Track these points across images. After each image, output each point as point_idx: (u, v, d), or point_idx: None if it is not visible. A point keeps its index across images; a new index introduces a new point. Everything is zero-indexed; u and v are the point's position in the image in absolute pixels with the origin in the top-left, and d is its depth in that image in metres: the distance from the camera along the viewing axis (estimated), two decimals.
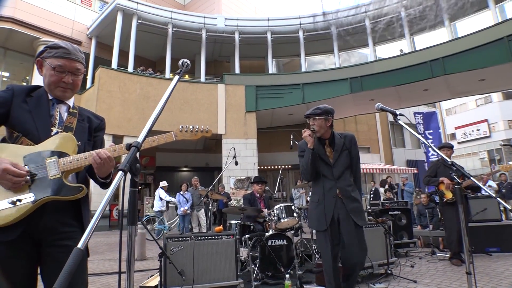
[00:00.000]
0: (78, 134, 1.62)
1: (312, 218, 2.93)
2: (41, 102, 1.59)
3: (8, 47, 15.35)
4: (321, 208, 2.82)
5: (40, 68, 1.66)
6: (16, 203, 1.35)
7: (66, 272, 0.73)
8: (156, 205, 9.99)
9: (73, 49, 1.65)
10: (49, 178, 1.44)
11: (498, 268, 4.55)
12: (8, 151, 1.44)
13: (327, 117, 2.92)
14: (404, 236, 6.07)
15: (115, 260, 6.21)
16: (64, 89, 1.64)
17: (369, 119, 21.43)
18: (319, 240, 2.87)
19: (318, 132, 2.91)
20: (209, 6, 21.32)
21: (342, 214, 2.79)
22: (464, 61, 12.38)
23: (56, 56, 1.60)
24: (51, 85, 1.61)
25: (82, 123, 1.70)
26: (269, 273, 3.98)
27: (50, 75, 1.60)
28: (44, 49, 1.64)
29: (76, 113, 1.70)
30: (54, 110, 1.62)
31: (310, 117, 2.94)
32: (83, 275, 1.57)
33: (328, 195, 2.82)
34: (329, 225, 2.76)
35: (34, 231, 1.43)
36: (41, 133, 1.53)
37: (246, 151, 14.56)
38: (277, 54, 18.45)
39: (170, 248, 3.42)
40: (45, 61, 1.61)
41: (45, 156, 1.47)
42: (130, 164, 1.03)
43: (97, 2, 18.15)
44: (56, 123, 1.60)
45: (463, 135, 34.13)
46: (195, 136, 1.80)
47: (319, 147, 2.94)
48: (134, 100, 13.73)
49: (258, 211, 4.68)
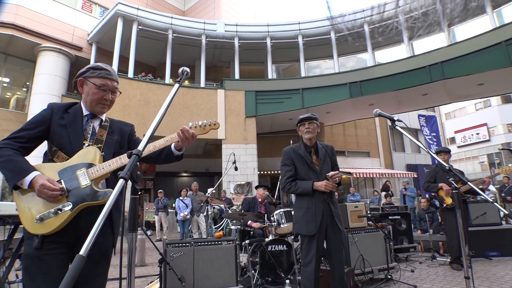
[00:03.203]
0: (107, 146, 1.82)
1: (301, 223, 2.92)
2: (76, 118, 1.79)
3: (9, 53, 15.40)
4: (310, 213, 2.85)
5: (81, 86, 1.85)
6: (57, 212, 1.54)
7: (69, 277, 0.75)
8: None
9: (112, 70, 1.87)
10: (82, 187, 1.62)
11: (498, 273, 4.54)
12: (45, 168, 1.65)
13: (317, 124, 3.10)
14: (404, 240, 6.06)
15: (114, 266, 6.20)
16: (104, 106, 1.84)
17: (368, 124, 21.47)
18: (306, 244, 2.86)
19: (312, 134, 3.04)
20: (209, 12, 21.45)
21: (329, 219, 2.87)
22: (462, 65, 12.43)
23: (100, 76, 1.80)
24: (93, 102, 1.81)
25: (112, 135, 1.88)
26: (269, 278, 3.97)
27: (94, 93, 1.80)
28: (86, 70, 1.84)
29: (107, 125, 1.89)
30: (88, 125, 1.82)
31: (306, 121, 3.05)
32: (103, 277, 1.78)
33: (318, 200, 2.88)
34: (317, 231, 2.81)
35: (73, 232, 1.59)
36: (74, 146, 1.72)
37: (246, 156, 14.57)
38: (276, 59, 18.52)
39: (170, 254, 3.42)
40: (88, 80, 1.80)
41: (76, 169, 1.66)
42: (131, 172, 1.04)
43: (98, 8, 18.25)
44: (88, 136, 1.79)
45: (463, 139, 34.19)
46: (204, 130, 1.87)
47: (306, 154, 3.04)
48: (134, 106, 13.76)
49: (258, 216, 4.69)
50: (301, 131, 3.10)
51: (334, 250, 2.84)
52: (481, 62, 11.98)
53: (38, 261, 1.54)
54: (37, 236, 1.52)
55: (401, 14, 15.61)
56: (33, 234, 1.53)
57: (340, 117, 17.66)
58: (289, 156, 3.07)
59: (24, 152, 1.67)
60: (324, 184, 2.83)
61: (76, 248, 1.62)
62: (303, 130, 3.07)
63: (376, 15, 16.15)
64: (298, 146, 3.11)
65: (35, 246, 1.52)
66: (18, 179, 1.53)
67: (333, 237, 2.85)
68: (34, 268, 1.54)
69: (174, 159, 1.89)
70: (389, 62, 14.78)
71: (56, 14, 15.94)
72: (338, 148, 20.25)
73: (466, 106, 33.79)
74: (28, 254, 1.56)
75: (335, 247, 2.84)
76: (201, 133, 1.86)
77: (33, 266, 1.55)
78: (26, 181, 1.53)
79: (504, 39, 11.44)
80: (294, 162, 3.04)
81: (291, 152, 3.08)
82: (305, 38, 17.20)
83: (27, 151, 1.70)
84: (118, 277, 3.98)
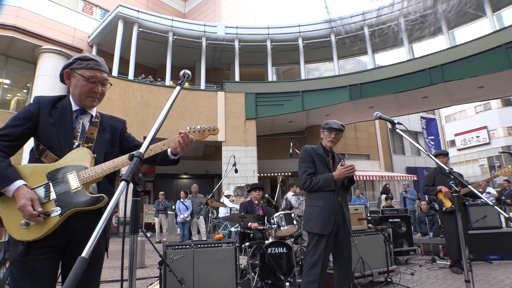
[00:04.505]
0: (97, 145, 1.71)
1: (315, 222, 2.86)
2: (65, 115, 1.66)
3: (10, 55, 15.44)
4: (326, 212, 2.85)
5: (68, 78, 1.72)
6: (45, 218, 1.44)
7: (72, 280, 0.75)
8: (221, 212, 9.91)
9: (101, 60, 1.74)
10: (72, 191, 1.53)
11: (498, 276, 4.54)
12: (31, 170, 1.54)
13: (342, 135, 3.17)
14: (404, 243, 6.06)
15: (114, 268, 6.19)
16: (94, 99, 1.72)
17: (368, 126, 21.47)
18: (315, 243, 2.82)
19: (334, 144, 3.10)
20: (209, 14, 21.51)
21: (340, 220, 2.88)
22: (462, 68, 12.46)
23: (88, 67, 1.67)
24: (82, 95, 1.69)
25: (103, 133, 1.76)
26: (269, 281, 3.97)
27: (82, 85, 1.67)
28: (73, 61, 1.71)
29: (98, 122, 1.77)
30: (77, 123, 1.69)
31: (335, 131, 3.06)
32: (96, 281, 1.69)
33: (334, 201, 2.89)
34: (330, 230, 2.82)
35: (62, 237, 1.52)
36: (63, 146, 1.61)
37: (246, 158, 14.57)
38: (276, 62, 18.57)
39: (170, 256, 3.42)
40: (75, 72, 1.68)
41: (66, 171, 1.55)
42: (132, 174, 1.05)
43: (98, 10, 18.31)
44: (78, 135, 1.67)
45: (463, 142, 34.20)
46: (203, 135, 1.82)
47: (325, 156, 3.07)
48: (134, 107, 13.77)
49: (258, 219, 4.68)
50: (325, 136, 3.10)
51: (343, 253, 2.84)
52: (481, 65, 12.00)
53: (26, 267, 1.45)
54: (22, 242, 1.43)
55: (400, 16, 15.65)
56: (18, 240, 1.44)
57: (340, 120, 17.16)
58: (310, 154, 3.04)
59: (10, 151, 1.55)
60: (341, 169, 2.83)
61: (67, 252, 1.57)
62: (327, 136, 3.07)
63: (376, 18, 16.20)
64: (318, 147, 3.13)
65: (20, 253, 1.43)
66: (0, 188, 1.43)
67: (343, 239, 2.86)
68: (21, 274, 1.46)
69: (170, 163, 1.81)
70: (389, 65, 14.81)
71: (57, 16, 16.00)
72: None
73: (466, 109, 33.83)
74: (14, 260, 1.48)
75: (345, 250, 2.84)
76: (200, 138, 1.81)
77: (20, 272, 1.47)
78: (9, 190, 1.43)
79: (504, 42, 11.47)
80: (314, 160, 3.03)
81: (311, 150, 3.07)
82: (305, 41, 17.25)
83: (13, 150, 1.57)
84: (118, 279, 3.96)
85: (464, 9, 13.53)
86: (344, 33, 16.56)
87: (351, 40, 16.43)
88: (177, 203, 9.54)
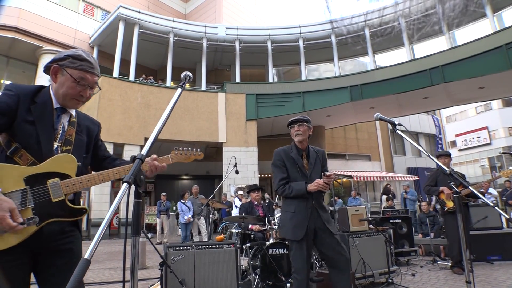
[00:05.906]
0: (76, 149, 1.58)
1: (287, 228, 2.84)
2: (45, 113, 1.50)
3: (11, 56, 15.51)
4: (297, 217, 2.78)
5: (54, 74, 1.55)
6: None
7: (74, 281, 0.75)
8: (233, 212, 9.88)
9: (95, 62, 1.60)
10: (53, 200, 1.43)
11: (500, 277, 4.53)
12: (7, 171, 1.37)
13: (309, 126, 2.98)
14: (405, 244, 6.05)
15: (115, 269, 6.20)
16: (78, 102, 1.59)
17: (369, 127, 21.48)
18: (295, 249, 2.78)
19: (302, 137, 2.92)
20: (210, 15, 21.56)
21: (318, 224, 2.78)
22: (463, 69, 12.46)
23: (80, 68, 1.53)
24: (67, 96, 1.54)
25: (80, 135, 1.63)
26: (270, 282, 3.97)
27: (69, 86, 1.53)
28: (64, 57, 1.54)
29: (75, 122, 1.63)
30: (59, 123, 1.55)
31: (297, 123, 2.96)
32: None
33: (305, 205, 2.80)
34: (304, 235, 2.72)
35: (34, 242, 1.41)
36: (43, 148, 1.46)
37: (246, 159, 14.58)
38: (277, 63, 18.59)
39: (171, 257, 3.42)
40: (65, 70, 1.52)
41: (47, 178, 1.43)
42: (134, 176, 1.05)
43: (99, 11, 18.37)
44: (58, 137, 1.53)
45: (464, 143, 34.13)
46: (188, 159, 1.83)
47: (298, 157, 2.93)
48: (135, 109, 13.79)
49: (258, 219, 4.69)
50: (292, 134, 2.99)
51: (333, 256, 2.75)
52: (482, 65, 12.00)
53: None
54: None
55: (401, 17, 15.66)
56: None
57: (340, 121, 17.68)
58: (280, 158, 2.95)
59: None
60: (316, 183, 2.72)
61: (42, 260, 1.47)
62: (293, 132, 2.97)
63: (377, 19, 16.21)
64: (290, 148, 3.00)
65: None
66: None
67: (326, 242, 2.77)
68: None
69: None
70: (390, 66, 14.82)
71: (58, 18, 16.06)
72: (339, 151, 20.24)
73: (467, 110, 33.75)
74: None
75: (332, 252, 2.75)
76: (184, 160, 1.82)
77: None
78: None
79: (504, 43, 11.47)
80: (285, 164, 2.93)
81: (282, 153, 2.96)
82: (305, 42, 17.27)
83: None
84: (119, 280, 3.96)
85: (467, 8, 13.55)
86: (346, 33, 16.57)
87: (354, 40, 16.44)
88: (178, 204, 9.53)
